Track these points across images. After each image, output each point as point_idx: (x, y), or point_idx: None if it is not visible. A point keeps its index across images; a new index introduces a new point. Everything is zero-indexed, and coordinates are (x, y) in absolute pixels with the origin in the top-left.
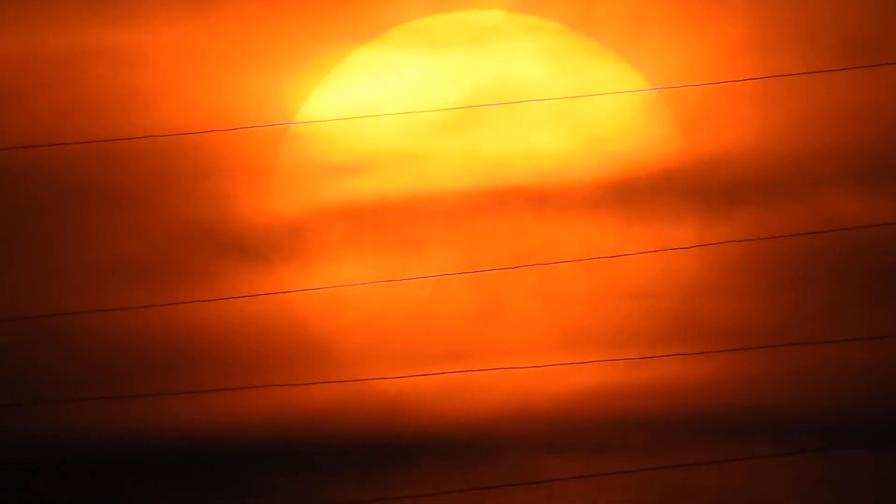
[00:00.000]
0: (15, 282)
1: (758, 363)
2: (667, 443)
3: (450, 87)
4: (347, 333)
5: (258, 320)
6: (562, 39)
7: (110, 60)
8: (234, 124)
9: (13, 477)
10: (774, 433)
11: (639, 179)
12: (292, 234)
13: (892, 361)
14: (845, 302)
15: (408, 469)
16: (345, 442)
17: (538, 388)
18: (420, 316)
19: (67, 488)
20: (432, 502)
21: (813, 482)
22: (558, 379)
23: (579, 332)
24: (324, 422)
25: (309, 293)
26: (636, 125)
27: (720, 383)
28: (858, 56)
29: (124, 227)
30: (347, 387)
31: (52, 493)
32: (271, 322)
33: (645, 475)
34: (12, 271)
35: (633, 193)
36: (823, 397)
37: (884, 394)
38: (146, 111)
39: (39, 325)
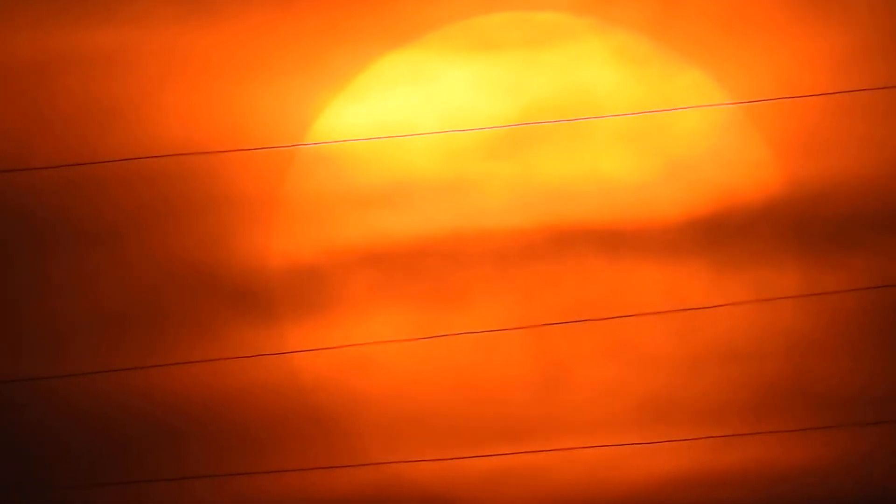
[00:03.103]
0: None
1: (878, 440)
2: None
3: (501, 101)
4: (375, 405)
5: (265, 387)
6: (637, 43)
7: (87, 67)
8: (238, 145)
9: None
10: None
11: (732, 215)
12: (308, 280)
13: None
14: None
15: None
16: None
17: (609, 474)
18: (465, 383)
19: None
20: None
21: None
22: (634, 462)
23: (660, 404)
24: None
25: (328, 354)
26: (727, 148)
27: (832, 466)
28: None
29: (104, 272)
30: (375, 472)
31: None
32: (281, 389)
33: None
34: None
35: (724, 232)
36: None
37: None
38: (130, 129)
39: (2, 392)
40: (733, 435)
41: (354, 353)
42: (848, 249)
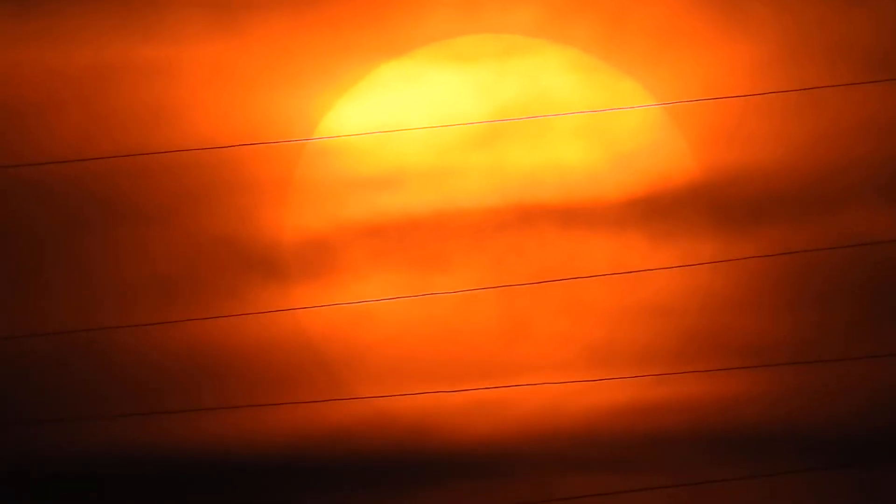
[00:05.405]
0: (49, 296)
1: (782, 380)
2: (691, 460)
3: (478, 102)
4: (372, 350)
5: (283, 336)
6: (588, 54)
7: (138, 75)
8: (261, 139)
9: (47, 492)
10: (799, 450)
11: (664, 195)
12: (317, 249)
13: None
14: (871, 318)
15: (432, 486)
16: (369, 459)
17: (563, 405)
18: (445, 332)
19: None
20: None
21: (839, 499)
22: (583, 396)
23: (603, 349)
24: (349, 439)
25: (334, 309)
26: (662, 140)
27: (744, 400)
28: (885, 69)
29: (152, 243)
30: (372, 403)
31: None
32: (296, 338)
33: (669, 492)
34: (46, 286)
35: (657, 209)
36: (849, 413)
37: None
38: (174, 126)
39: (72, 340)
40: (662, 374)
41: (355, 309)
42: (757, 224)
